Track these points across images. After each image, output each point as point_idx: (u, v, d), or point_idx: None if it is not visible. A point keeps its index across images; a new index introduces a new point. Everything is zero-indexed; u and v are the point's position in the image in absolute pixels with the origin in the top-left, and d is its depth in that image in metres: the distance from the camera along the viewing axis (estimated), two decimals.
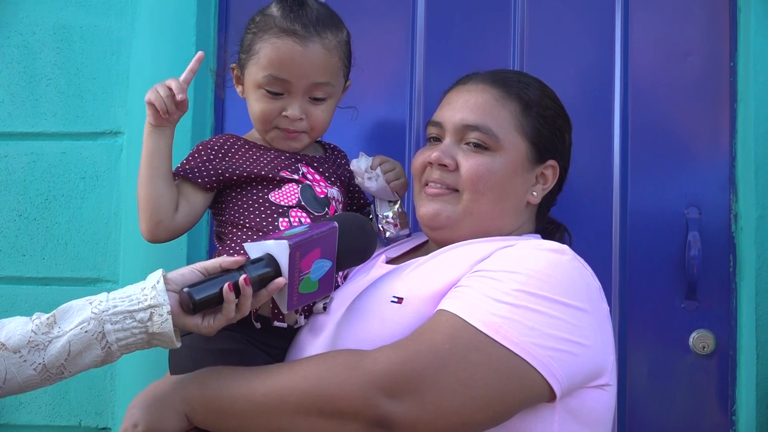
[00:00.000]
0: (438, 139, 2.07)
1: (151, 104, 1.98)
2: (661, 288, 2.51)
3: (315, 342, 1.92)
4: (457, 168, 2.00)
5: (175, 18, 2.62)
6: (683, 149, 2.56)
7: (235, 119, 2.69)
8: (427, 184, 2.05)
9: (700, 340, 2.50)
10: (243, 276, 1.74)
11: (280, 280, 1.76)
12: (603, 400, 1.89)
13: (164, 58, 2.61)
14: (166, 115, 1.98)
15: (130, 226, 2.59)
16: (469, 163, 1.99)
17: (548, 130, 2.04)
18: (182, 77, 2.00)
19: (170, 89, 1.96)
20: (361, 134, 2.19)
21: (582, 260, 1.90)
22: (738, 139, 2.51)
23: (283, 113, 2.04)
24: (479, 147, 2.00)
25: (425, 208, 2.04)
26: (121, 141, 2.64)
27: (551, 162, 2.06)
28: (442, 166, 2.01)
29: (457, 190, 2.01)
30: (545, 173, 2.07)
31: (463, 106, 2.03)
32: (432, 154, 2.02)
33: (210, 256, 2.62)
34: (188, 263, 2.52)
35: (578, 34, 2.62)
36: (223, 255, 1.95)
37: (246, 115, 2.11)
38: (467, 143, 2.01)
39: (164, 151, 2.02)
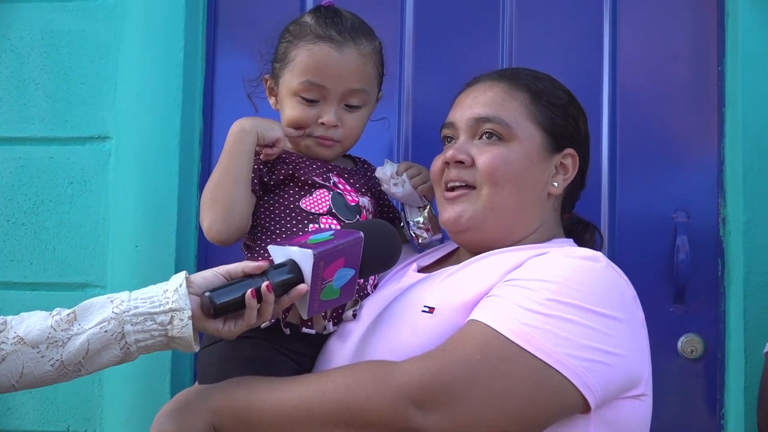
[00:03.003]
0: (452, 140, 2.06)
1: (275, 141, 2.01)
2: (650, 292, 2.50)
3: (344, 349, 1.91)
4: (473, 163, 1.99)
5: (164, 23, 2.61)
6: (671, 153, 2.56)
7: (224, 125, 2.69)
8: (447, 187, 2.03)
9: (689, 344, 2.50)
10: (266, 283, 1.72)
11: (302, 287, 1.75)
12: (639, 411, 1.86)
13: (152, 63, 2.61)
14: (263, 146, 2.02)
15: (118, 230, 2.59)
16: (484, 156, 1.97)
17: (561, 118, 2.03)
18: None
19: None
20: None
21: (616, 267, 1.88)
22: (726, 143, 2.51)
23: (319, 120, 2.05)
24: (493, 138, 1.99)
25: (447, 213, 2.02)
26: (110, 146, 2.63)
27: (569, 150, 2.04)
28: (459, 162, 2.00)
29: (475, 187, 1.99)
30: (564, 163, 2.04)
31: (473, 103, 2.03)
32: (447, 153, 2.02)
33: (198, 261, 2.64)
34: (176, 268, 2.53)
35: (567, 38, 2.63)
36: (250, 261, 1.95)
37: (233, 120, 2.09)
38: (481, 137, 2.00)
39: (250, 157, 2.00)
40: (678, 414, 2.51)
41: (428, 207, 2.19)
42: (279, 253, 1.79)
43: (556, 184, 2.03)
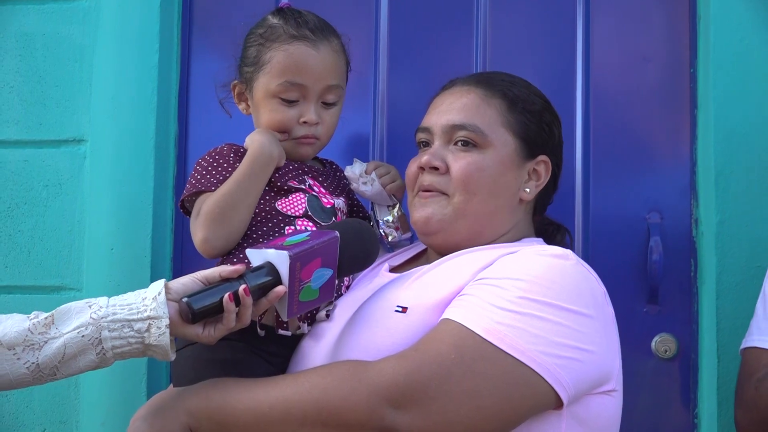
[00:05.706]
0: (428, 144, 2.07)
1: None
2: (624, 292, 2.52)
3: (318, 350, 1.92)
4: (447, 170, 2.00)
5: (139, 26, 2.61)
6: (644, 155, 2.58)
7: (199, 128, 2.70)
8: (419, 192, 2.04)
9: (663, 343, 2.52)
10: (243, 286, 1.73)
11: (280, 289, 1.75)
12: (609, 406, 1.88)
13: (127, 66, 2.61)
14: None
15: (93, 233, 2.58)
16: (458, 163, 1.99)
17: (536, 125, 2.04)
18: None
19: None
20: None
21: (586, 264, 1.90)
22: (698, 145, 2.53)
23: (301, 120, 2.05)
24: (468, 145, 2.00)
25: (418, 213, 2.03)
26: (85, 149, 2.63)
27: (542, 157, 2.06)
28: (433, 169, 2.01)
29: (447, 195, 2.00)
30: (537, 169, 2.06)
31: (449, 108, 2.04)
32: (422, 158, 2.03)
33: (174, 263, 2.64)
34: (152, 270, 2.53)
35: (540, 42, 2.64)
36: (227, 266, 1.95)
37: (208, 124, 2.09)
38: (456, 143, 2.01)
39: (266, 182, 2.01)
40: (652, 413, 2.53)
41: (397, 206, 2.21)
42: (256, 256, 1.80)
43: (528, 190, 2.05)
